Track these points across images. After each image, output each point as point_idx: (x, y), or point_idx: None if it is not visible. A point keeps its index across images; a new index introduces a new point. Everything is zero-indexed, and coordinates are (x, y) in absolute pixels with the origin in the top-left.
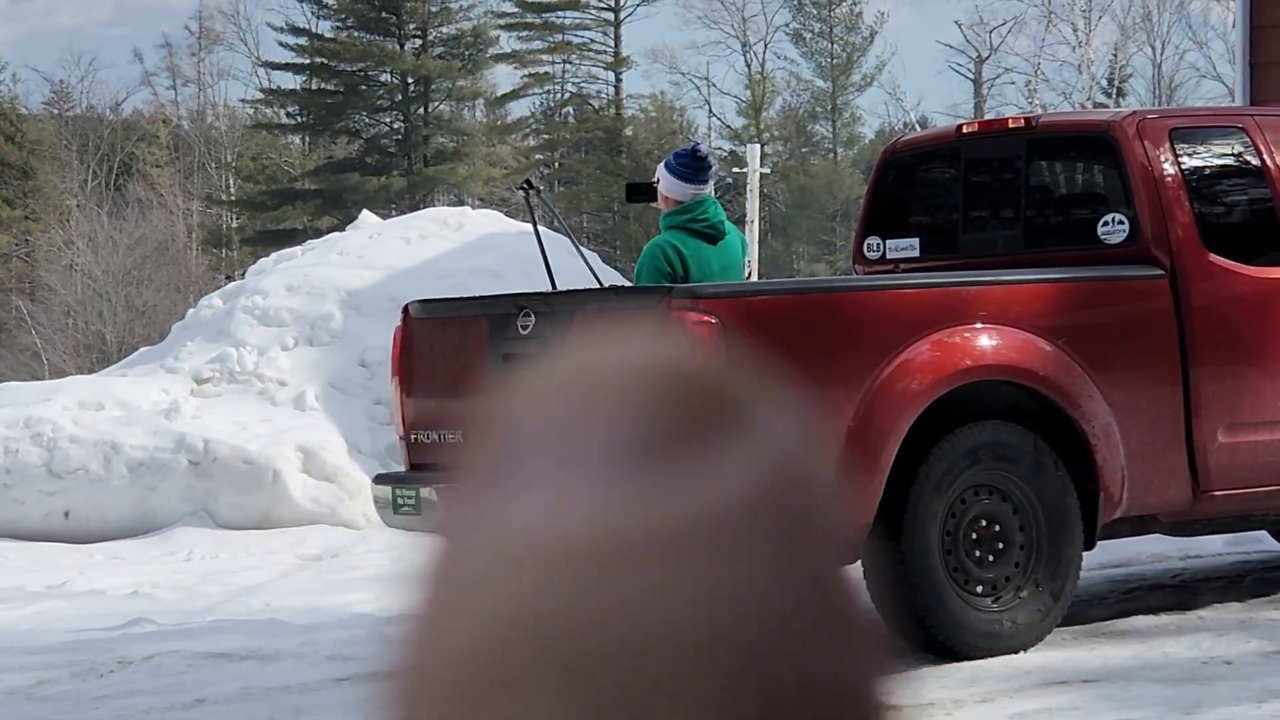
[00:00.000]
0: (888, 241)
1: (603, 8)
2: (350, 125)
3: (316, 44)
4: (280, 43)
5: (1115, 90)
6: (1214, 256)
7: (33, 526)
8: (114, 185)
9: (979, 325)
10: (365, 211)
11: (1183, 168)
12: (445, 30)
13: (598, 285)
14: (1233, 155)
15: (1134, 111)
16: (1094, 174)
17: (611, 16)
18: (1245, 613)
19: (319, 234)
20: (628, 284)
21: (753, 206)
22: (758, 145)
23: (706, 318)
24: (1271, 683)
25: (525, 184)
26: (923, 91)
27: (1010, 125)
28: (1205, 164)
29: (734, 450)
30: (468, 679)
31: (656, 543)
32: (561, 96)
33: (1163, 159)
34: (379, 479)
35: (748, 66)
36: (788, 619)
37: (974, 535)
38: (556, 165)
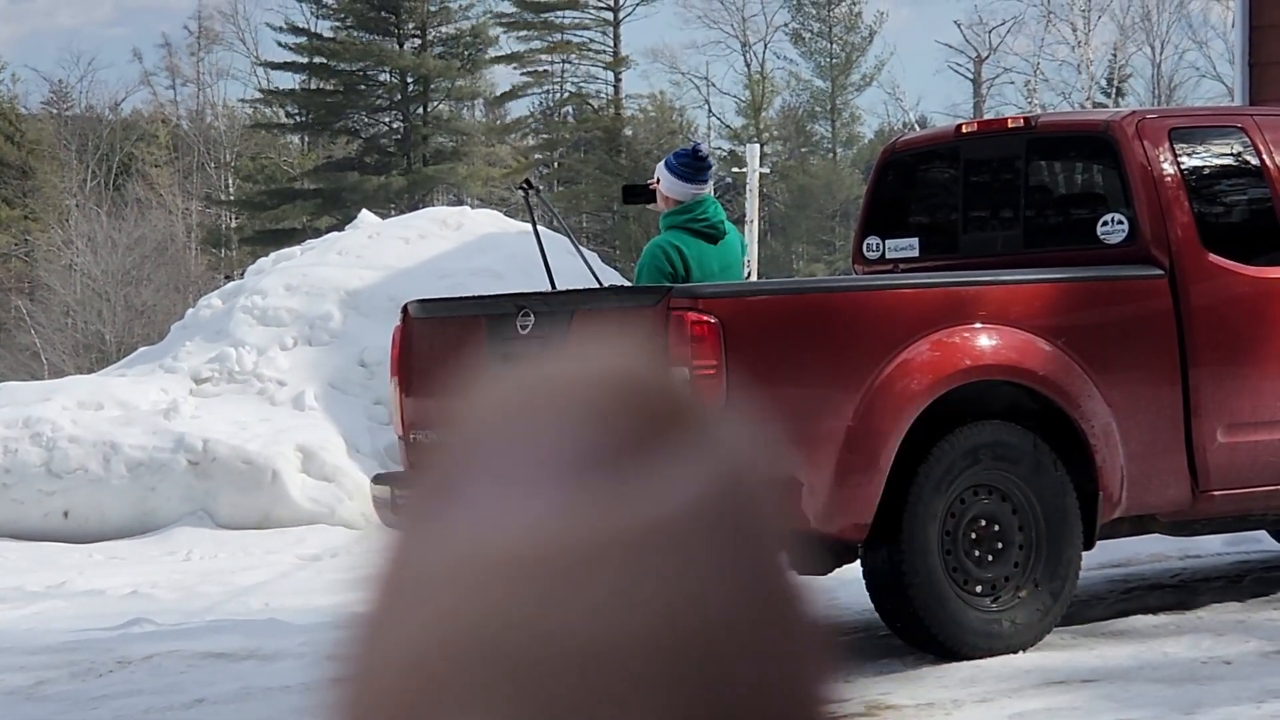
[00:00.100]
0: (887, 241)
1: (602, 7)
2: (349, 125)
3: (315, 43)
4: (279, 42)
5: (1114, 90)
6: (1213, 256)
7: (32, 526)
8: (113, 185)
9: (978, 325)
10: (364, 211)
11: (1182, 168)
12: (444, 30)
13: (597, 285)
14: (1232, 155)
15: (1133, 111)
16: (1093, 174)
17: (610, 16)
18: (1244, 613)
19: (318, 234)
20: (627, 284)
21: (752, 206)
22: (757, 145)
23: (706, 318)
24: (1270, 682)
25: (524, 184)
26: (922, 91)
27: (1009, 125)
28: (1205, 164)
29: (681, 457)
30: (417, 687)
31: (605, 550)
32: (560, 96)
33: (1162, 159)
34: (378, 479)
35: (747, 66)
36: (735, 624)
37: (973, 535)
38: (556, 165)
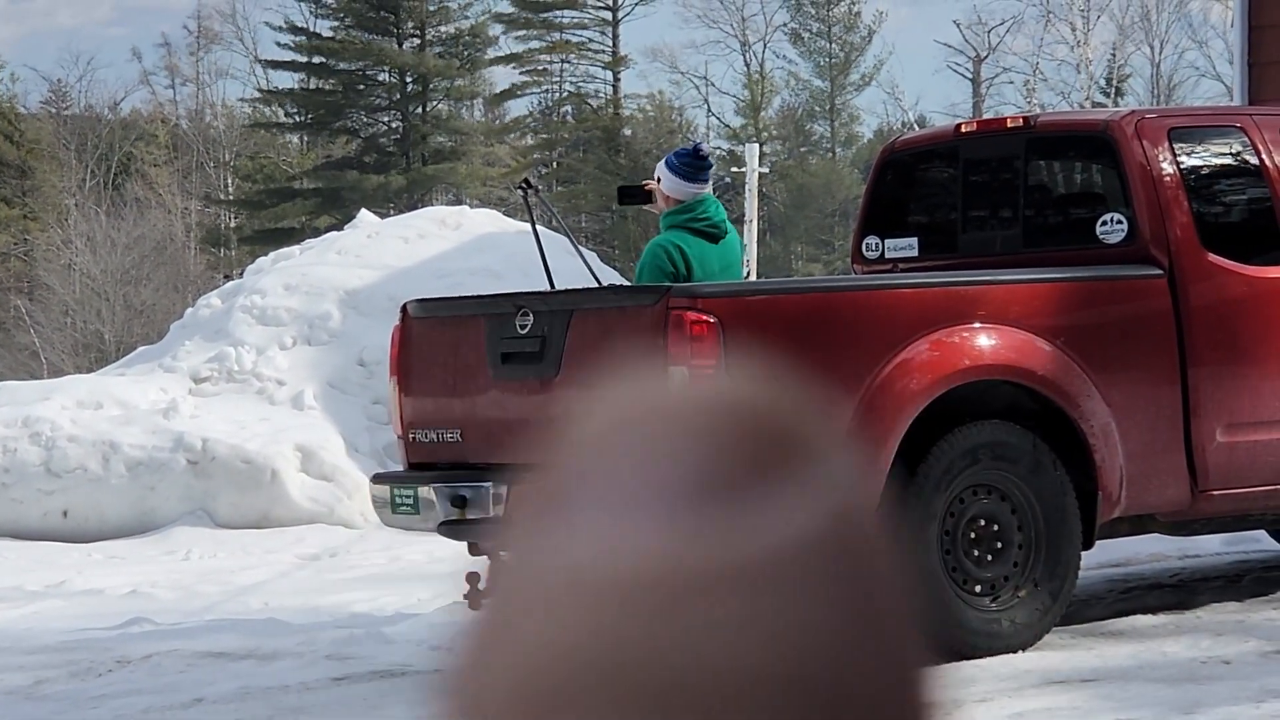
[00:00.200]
0: (886, 241)
1: (601, 7)
2: (348, 124)
3: (315, 43)
4: (278, 42)
5: (1114, 90)
6: (1212, 256)
7: (31, 526)
8: (112, 184)
9: (978, 325)
10: (363, 211)
11: (1181, 167)
12: (443, 29)
13: (596, 285)
14: (1231, 155)
15: (1132, 111)
16: (1092, 173)
17: (609, 16)
18: (1243, 612)
19: (317, 233)
20: (626, 283)
21: (751, 206)
22: (756, 145)
23: (705, 317)
24: (1270, 682)
25: (523, 183)
26: (921, 91)
27: (1009, 125)
28: (1204, 163)
29: (796, 489)
30: (528, 705)
31: (719, 579)
32: (559, 96)
33: (1161, 158)
34: (377, 478)
35: (746, 66)
36: (847, 657)
37: (973, 535)
38: (555, 165)
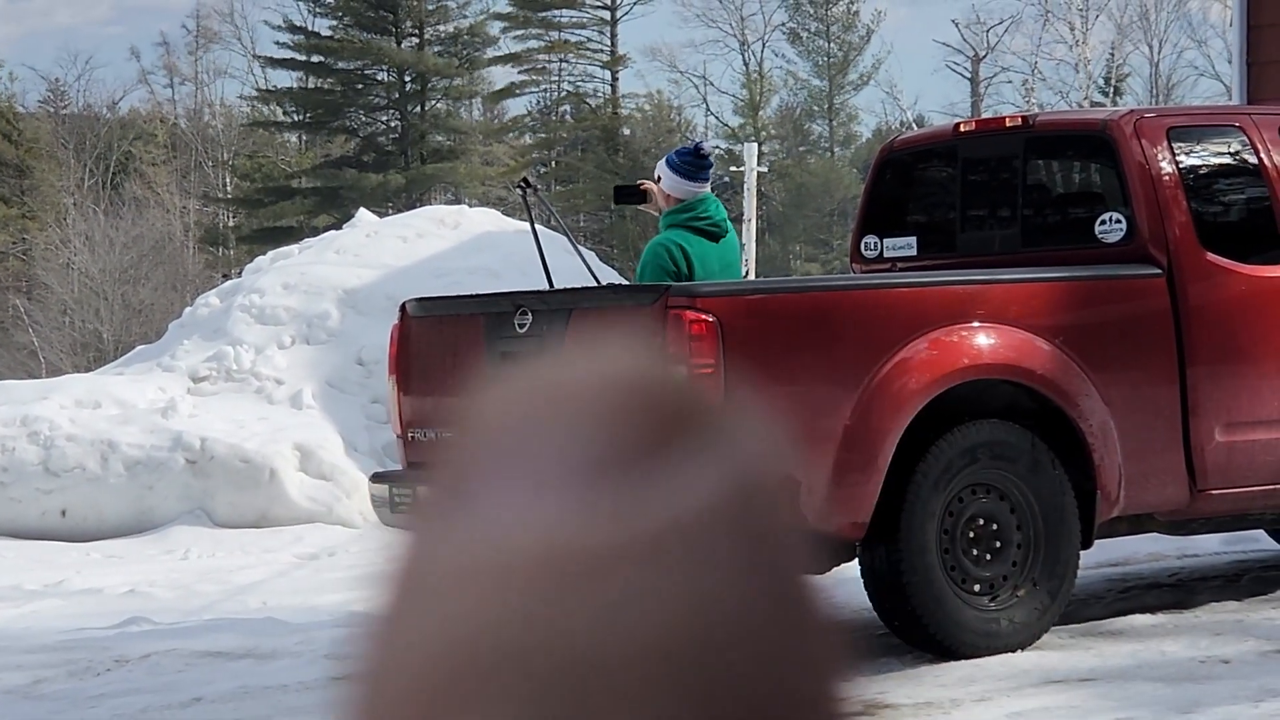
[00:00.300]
0: (885, 240)
1: (599, 6)
2: (347, 123)
3: (313, 42)
4: (277, 41)
5: (1112, 89)
6: (1211, 255)
7: (30, 525)
8: (111, 184)
9: (976, 324)
10: (362, 210)
11: (1180, 167)
12: (442, 28)
13: (595, 284)
14: (1230, 154)
15: (1131, 110)
16: (1091, 173)
17: (608, 15)
18: (1242, 612)
19: (316, 232)
20: (625, 282)
21: (749, 205)
22: (755, 144)
23: (704, 316)
24: (1269, 682)
25: (522, 182)
26: (919, 90)
27: (1007, 124)
28: (1203, 163)
29: (696, 459)
30: (430, 690)
31: (621, 553)
32: (558, 95)
33: (1160, 158)
34: (376, 477)
35: (745, 65)
36: (752, 628)
37: (971, 534)
38: (553, 164)
